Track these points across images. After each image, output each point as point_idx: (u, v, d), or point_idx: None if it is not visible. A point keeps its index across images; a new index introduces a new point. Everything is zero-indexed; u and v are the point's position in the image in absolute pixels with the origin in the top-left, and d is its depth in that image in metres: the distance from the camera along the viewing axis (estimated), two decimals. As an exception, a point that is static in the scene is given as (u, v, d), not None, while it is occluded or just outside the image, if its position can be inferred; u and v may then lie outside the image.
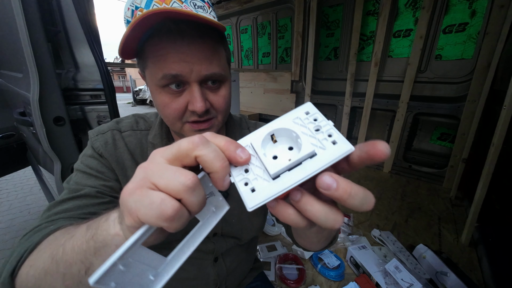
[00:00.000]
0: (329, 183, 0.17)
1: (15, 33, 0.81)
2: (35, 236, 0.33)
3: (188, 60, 0.37)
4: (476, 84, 1.80)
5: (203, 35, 0.38)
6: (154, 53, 0.38)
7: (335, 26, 2.63)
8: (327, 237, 0.38)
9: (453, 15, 1.92)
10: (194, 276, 0.56)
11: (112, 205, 0.43)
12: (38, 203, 2.18)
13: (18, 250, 0.31)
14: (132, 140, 0.49)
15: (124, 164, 0.47)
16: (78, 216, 0.38)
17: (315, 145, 0.20)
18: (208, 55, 0.39)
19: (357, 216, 1.66)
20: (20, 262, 0.29)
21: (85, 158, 0.46)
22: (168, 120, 0.44)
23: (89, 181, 0.44)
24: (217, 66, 0.40)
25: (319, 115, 0.22)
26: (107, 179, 0.45)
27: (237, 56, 3.91)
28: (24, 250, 0.30)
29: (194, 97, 0.39)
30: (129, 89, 23.85)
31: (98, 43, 1.02)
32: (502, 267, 1.11)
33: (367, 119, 2.47)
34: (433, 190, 2.05)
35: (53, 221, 0.37)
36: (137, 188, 0.19)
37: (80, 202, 0.40)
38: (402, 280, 0.99)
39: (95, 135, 0.48)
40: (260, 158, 0.21)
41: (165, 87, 0.40)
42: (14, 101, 1.24)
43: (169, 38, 0.37)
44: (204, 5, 0.40)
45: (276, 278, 1.14)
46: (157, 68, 0.38)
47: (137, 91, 11.52)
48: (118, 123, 0.51)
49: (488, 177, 1.20)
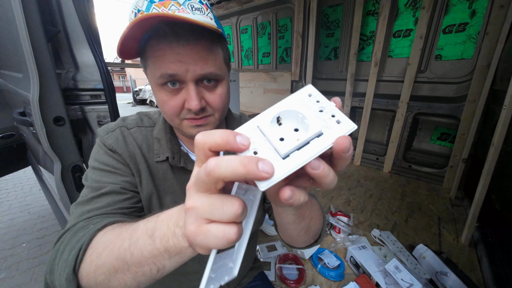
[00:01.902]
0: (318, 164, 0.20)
1: (15, 33, 0.81)
2: (80, 235, 0.35)
3: (183, 61, 0.39)
4: (476, 84, 1.80)
5: (197, 37, 0.39)
6: (153, 54, 0.41)
7: (335, 26, 2.63)
8: (306, 231, 0.42)
9: (453, 15, 1.92)
10: (195, 270, 0.57)
11: (134, 200, 0.47)
12: (38, 203, 2.18)
13: (68, 250, 0.33)
14: (138, 136, 0.51)
15: (135, 159, 0.49)
16: (110, 212, 0.41)
17: (321, 125, 0.21)
18: (203, 56, 0.40)
19: (357, 216, 1.66)
20: (78, 260, 0.31)
21: (99, 155, 0.48)
22: (167, 116, 0.46)
23: (109, 178, 0.45)
24: (212, 66, 0.42)
25: (321, 96, 0.23)
26: (125, 175, 0.47)
27: (237, 56, 3.91)
28: (78, 250, 0.32)
29: (190, 96, 0.41)
30: (129, 89, 23.85)
31: (98, 43, 1.02)
32: (502, 267, 1.11)
33: (367, 119, 2.47)
34: (433, 190, 2.05)
35: (89, 219, 0.39)
36: (198, 229, 0.21)
37: (108, 199, 0.42)
38: (402, 280, 0.99)
39: (105, 133, 0.49)
40: (269, 140, 0.21)
41: (163, 85, 0.42)
42: (14, 101, 1.24)
43: (166, 40, 0.39)
44: (202, 7, 0.41)
45: (276, 278, 1.14)
46: (156, 68, 0.41)
47: (137, 91, 11.52)
48: (124, 121, 0.53)
49: (488, 177, 1.20)
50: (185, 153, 0.52)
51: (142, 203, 0.49)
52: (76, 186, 1.02)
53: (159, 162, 0.51)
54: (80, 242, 0.33)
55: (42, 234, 1.76)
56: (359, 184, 2.18)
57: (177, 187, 0.52)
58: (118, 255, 0.28)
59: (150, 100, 10.64)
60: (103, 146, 0.48)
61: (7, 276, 1.40)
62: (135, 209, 0.46)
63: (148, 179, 0.49)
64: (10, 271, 1.43)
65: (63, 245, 0.35)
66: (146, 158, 0.50)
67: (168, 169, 0.52)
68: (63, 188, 0.97)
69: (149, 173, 0.50)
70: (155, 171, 0.51)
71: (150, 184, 0.49)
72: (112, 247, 0.29)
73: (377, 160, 2.52)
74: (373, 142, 2.67)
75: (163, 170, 0.51)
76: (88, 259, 0.31)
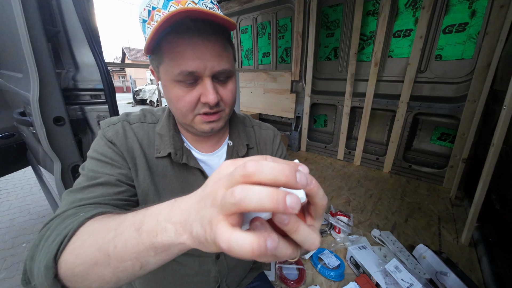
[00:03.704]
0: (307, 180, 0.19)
1: (15, 33, 0.81)
2: (68, 222, 0.33)
3: (202, 57, 0.41)
4: (476, 84, 1.80)
5: (216, 33, 0.42)
6: (171, 50, 0.41)
7: (335, 26, 2.63)
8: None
9: (453, 15, 1.92)
10: (195, 272, 0.57)
11: (129, 194, 0.46)
12: (38, 203, 2.18)
13: (53, 236, 0.32)
14: (139, 132, 0.51)
15: (133, 153, 0.49)
16: (103, 202, 0.41)
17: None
18: (220, 52, 0.43)
19: (357, 216, 1.66)
20: (61, 248, 0.30)
21: (98, 146, 0.48)
22: (181, 112, 0.46)
23: (106, 169, 0.45)
24: (226, 62, 0.44)
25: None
26: (122, 167, 0.47)
27: (237, 56, 3.91)
28: (64, 236, 0.30)
29: (207, 90, 0.43)
30: (129, 89, 23.85)
31: (98, 43, 1.02)
32: (502, 267, 1.11)
33: (367, 119, 2.47)
34: (433, 190, 2.05)
35: (80, 207, 0.39)
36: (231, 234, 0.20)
37: (102, 190, 0.42)
38: (402, 280, 0.99)
39: (107, 126, 0.49)
40: None
41: (180, 81, 0.43)
42: (14, 101, 1.24)
43: (186, 36, 0.40)
44: (213, 7, 0.43)
45: (276, 278, 1.14)
46: (174, 64, 0.41)
47: (137, 91, 11.52)
48: (127, 116, 0.53)
49: (488, 177, 1.20)
50: (187, 149, 0.52)
51: (137, 197, 0.49)
52: (76, 186, 1.02)
53: (159, 158, 0.51)
54: (67, 229, 0.31)
55: (42, 234, 1.76)
56: (359, 184, 2.18)
57: (176, 184, 0.52)
58: (101, 246, 0.27)
59: (150, 100, 10.64)
60: (103, 138, 0.48)
61: (7, 276, 1.40)
62: (129, 202, 0.46)
63: (145, 175, 0.49)
64: (10, 271, 1.43)
65: (50, 231, 0.33)
66: (146, 154, 0.50)
67: (168, 165, 0.51)
68: (63, 188, 0.97)
69: (147, 169, 0.49)
70: (154, 168, 0.50)
71: (147, 180, 0.49)
72: (97, 236, 0.28)
73: (377, 160, 2.52)
74: (373, 142, 2.67)
75: (163, 167, 0.51)
76: (70, 246, 0.30)
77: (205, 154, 0.56)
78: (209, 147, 0.56)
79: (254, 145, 0.61)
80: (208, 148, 0.56)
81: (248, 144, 0.59)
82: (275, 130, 0.67)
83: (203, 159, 0.55)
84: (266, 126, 0.66)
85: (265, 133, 0.64)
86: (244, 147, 0.58)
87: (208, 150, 0.56)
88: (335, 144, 2.85)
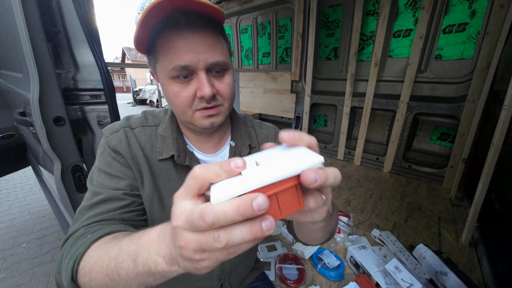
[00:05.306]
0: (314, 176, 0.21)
1: (15, 33, 0.81)
2: (78, 244, 0.37)
3: (194, 50, 0.41)
4: (476, 84, 1.80)
5: (206, 24, 0.42)
6: (163, 46, 0.42)
7: (335, 26, 2.63)
8: (329, 231, 0.43)
9: (453, 15, 1.92)
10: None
11: (135, 205, 0.47)
12: (38, 203, 2.18)
13: (68, 258, 0.35)
14: (142, 137, 0.51)
15: (137, 160, 0.49)
16: (109, 218, 0.43)
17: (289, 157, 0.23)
18: (212, 44, 0.43)
19: (357, 216, 1.66)
20: (74, 271, 0.33)
21: (104, 157, 0.48)
22: (179, 109, 0.46)
23: (113, 182, 0.46)
24: (220, 54, 0.44)
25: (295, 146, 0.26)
26: (128, 178, 0.48)
27: (237, 56, 3.91)
28: (74, 261, 0.34)
29: (202, 83, 0.43)
30: (129, 89, 23.85)
31: (98, 43, 1.02)
32: (502, 267, 1.11)
33: (367, 119, 2.47)
34: (433, 190, 2.05)
35: (88, 226, 0.41)
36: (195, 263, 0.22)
37: (108, 206, 0.44)
38: (402, 280, 0.99)
39: (110, 133, 0.49)
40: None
41: (175, 78, 0.43)
42: (14, 101, 1.24)
43: (177, 29, 0.40)
44: None
45: (276, 278, 1.14)
46: (168, 60, 0.42)
47: (137, 91, 11.52)
48: (128, 120, 0.53)
49: (488, 177, 1.20)
50: (190, 152, 0.52)
51: (143, 205, 0.49)
52: (76, 186, 1.02)
53: (162, 160, 0.50)
54: (76, 253, 0.35)
55: (42, 234, 1.76)
56: (359, 184, 2.18)
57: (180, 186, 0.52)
58: (107, 273, 0.30)
59: (150, 100, 10.64)
60: (108, 147, 0.48)
61: (7, 276, 1.40)
62: (136, 212, 0.47)
63: (150, 180, 0.49)
64: (10, 271, 1.43)
65: (66, 252, 0.37)
66: (149, 159, 0.50)
67: (172, 168, 0.51)
68: (63, 188, 0.97)
69: (151, 174, 0.49)
70: (158, 171, 0.50)
71: (151, 185, 0.49)
72: (101, 263, 0.31)
73: (377, 160, 2.52)
74: (373, 142, 2.67)
75: (166, 170, 0.51)
76: (82, 270, 0.33)
77: (207, 155, 0.56)
78: (211, 147, 0.56)
79: (256, 145, 0.61)
80: (210, 149, 0.56)
81: (250, 144, 0.59)
82: (275, 128, 0.67)
83: (206, 160, 0.55)
84: (267, 125, 0.66)
85: (266, 131, 0.64)
86: (246, 148, 0.58)
87: (211, 151, 0.56)
88: (335, 144, 2.85)
